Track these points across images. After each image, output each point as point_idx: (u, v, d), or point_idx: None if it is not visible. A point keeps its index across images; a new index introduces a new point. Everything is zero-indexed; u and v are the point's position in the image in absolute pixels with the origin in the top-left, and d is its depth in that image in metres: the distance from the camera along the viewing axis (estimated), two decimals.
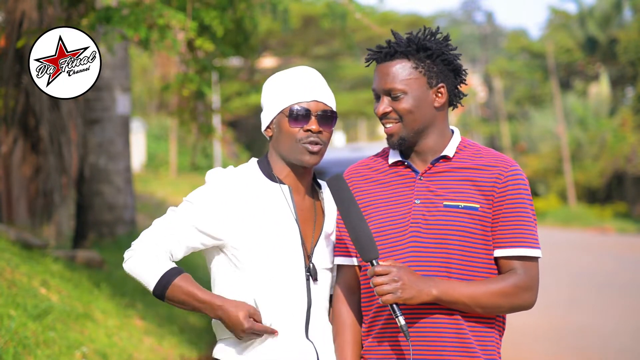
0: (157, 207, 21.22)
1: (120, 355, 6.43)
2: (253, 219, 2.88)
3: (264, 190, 2.93)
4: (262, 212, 2.89)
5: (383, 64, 2.88)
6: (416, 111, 2.85)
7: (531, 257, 2.85)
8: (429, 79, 2.86)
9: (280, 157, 2.97)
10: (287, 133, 2.93)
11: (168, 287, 2.84)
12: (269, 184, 2.95)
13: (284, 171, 2.97)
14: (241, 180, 2.93)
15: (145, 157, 32.50)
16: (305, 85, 2.94)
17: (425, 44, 2.86)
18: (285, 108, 2.93)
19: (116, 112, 12.39)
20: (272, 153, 3.00)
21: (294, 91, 2.93)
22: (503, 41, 68.28)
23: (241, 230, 2.88)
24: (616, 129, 35.63)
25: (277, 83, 2.97)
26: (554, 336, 10.06)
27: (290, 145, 2.93)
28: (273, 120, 2.96)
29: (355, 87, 37.08)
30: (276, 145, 2.97)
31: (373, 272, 2.73)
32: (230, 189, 2.90)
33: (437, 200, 2.85)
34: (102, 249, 11.48)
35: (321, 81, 2.99)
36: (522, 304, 2.84)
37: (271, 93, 2.97)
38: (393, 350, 2.86)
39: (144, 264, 2.87)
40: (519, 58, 48.36)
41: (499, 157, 2.89)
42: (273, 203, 2.92)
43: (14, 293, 6.12)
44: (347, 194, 2.81)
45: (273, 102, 2.95)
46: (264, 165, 2.98)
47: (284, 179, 2.96)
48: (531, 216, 2.85)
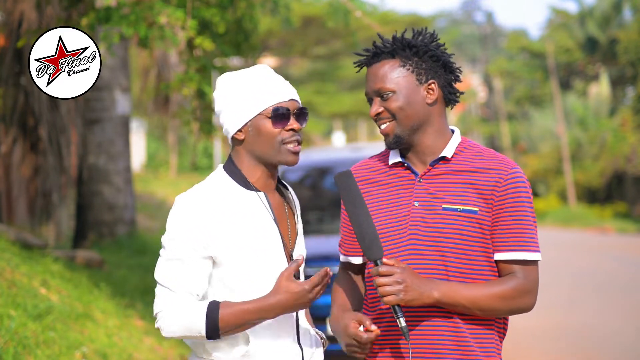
0: (157, 207, 21.23)
1: (120, 355, 6.43)
2: (235, 232, 2.83)
3: (240, 200, 2.87)
4: (242, 224, 2.84)
5: (371, 66, 2.89)
6: (407, 108, 2.85)
7: (531, 261, 2.84)
8: (418, 75, 2.86)
9: (256, 159, 2.90)
10: (267, 134, 2.87)
11: (218, 323, 2.75)
12: (244, 192, 2.88)
13: (256, 173, 2.90)
14: (213, 195, 2.85)
15: (145, 157, 32.52)
16: (279, 85, 2.90)
17: (410, 42, 2.87)
18: (265, 109, 2.87)
19: (116, 112, 12.39)
20: (242, 157, 2.91)
21: (272, 92, 2.88)
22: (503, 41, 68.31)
23: (226, 245, 2.82)
24: (616, 129, 35.64)
25: (247, 84, 2.89)
26: (555, 336, 10.06)
27: (273, 147, 2.87)
28: (247, 122, 2.88)
29: (355, 87, 37.09)
30: (251, 147, 2.89)
31: (377, 271, 2.73)
32: (203, 209, 2.82)
33: (436, 203, 2.85)
34: (102, 249, 11.49)
35: (284, 79, 2.97)
36: (521, 307, 2.84)
37: (242, 95, 2.89)
38: (394, 354, 2.86)
39: (181, 321, 2.77)
40: (519, 58, 48.40)
41: (500, 160, 2.88)
42: (252, 212, 2.86)
43: (14, 293, 6.12)
44: (356, 191, 2.80)
45: (247, 104, 2.87)
46: (235, 172, 2.90)
47: (256, 182, 2.90)
48: (531, 219, 2.85)
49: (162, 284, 2.82)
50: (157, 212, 20.30)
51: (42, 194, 10.61)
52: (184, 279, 2.80)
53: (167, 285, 2.81)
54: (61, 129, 10.33)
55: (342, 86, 37.83)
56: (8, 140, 10.25)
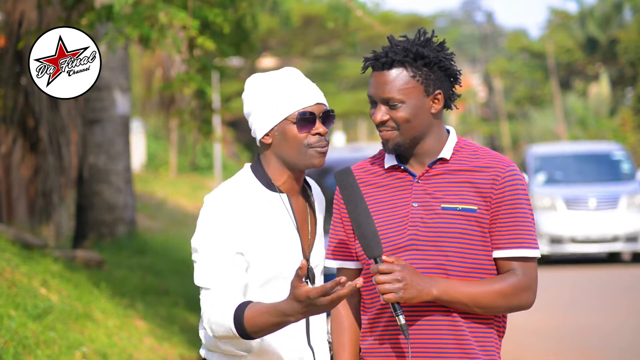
0: (157, 207, 21.22)
1: (120, 355, 6.43)
2: (259, 232, 2.85)
3: (264, 201, 2.89)
4: (265, 224, 2.86)
5: (379, 72, 2.87)
6: (413, 120, 2.85)
7: (530, 258, 2.85)
8: (426, 87, 2.86)
9: (283, 164, 2.91)
10: (294, 139, 2.88)
11: (242, 320, 2.72)
12: (267, 193, 2.90)
13: (283, 177, 2.92)
14: (241, 195, 2.87)
15: (145, 157, 32.51)
16: (305, 89, 2.90)
17: (423, 52, 2.85)
18: (290, 115, 2.88)
19: (116, 112, 12.39)
20: (269, 160, 2.93)
21: (298, 96, 2.89)
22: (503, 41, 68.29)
23: (252, 244, 2.84)
24: (616, 129, 35.63)
25: (273, 89, 2.90)
26: (555, 335, 10.05)
27: (299, 151, 2.88)
28: (274, 127, 2.90)
29: (355, 87, 37.09)
30: (279, 152, 2.90)
31: (377, 269, 2.73)
32: (234, 207, 2.84)
33: (434, 203, 2.85)
34: (102, 249, 11.49)
35: (311, 82, 2.97)
36: (521, 304, 2.84)
37: (268, 99, 2.90)
38: (394, 351, 2.86)
39: (221, 322, 2.76)
40: (519, 58, 48.39)
41: (496, 158, 2.89)
42: (274, 213, 2.89)
43: (14, 293, 6.12)
44: (355, 188, 2.80)
45: (273, 109, 2.89)
46: (261, 174, 2.92)
47: (282, 186, 2.92)
48: (529, 216, 2.85)
49: (203, 286, 2.80)
50: (157, 212, 20.29)
51: (42, 194, 10.61)
52: (223, 275, 2.78)
53: (208, 285, 2.79)
54: (61, 129, 10.33)
55: (342, 86, 37.83)
56: (8, 140, 10.25)
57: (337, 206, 3.01)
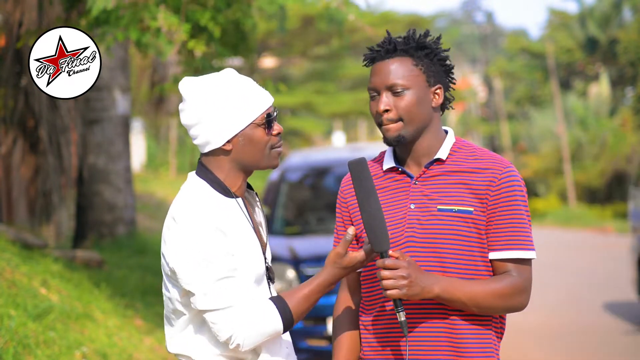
0: (157, 207, 21.23)
1: (120, 355, 6.43)
2: (233, 238, 2.80)
3: (225, 207, 2.81)
4: (234, 230, 2.80)
5: (382, 61, 2.87)
6: (417, 108, 2.85)
7: (525, 260, 2.86)
8: (428, 77, 2.87)
9: (240, 168, 2.83)
10: (259, 142, 2.81)
11: (292, 317, 2.74)
12: (225, 200, 2.82)
13: (237, 182, 2.85)
14: (210, 204, 2.79)
15: (145, 157, 32.52)
16: (260, 90, 2.84)
17: (424, 43, 2.88)
18: (257, 117, 2.80)
19: (116, 112, 12.40)
20: (222, 166, 2.82)
21: (260, 98, 2.82)
22: (503, 41, 68.27)
23: (234, 250, 2.79)
24: (616, 129, 35.63)
25: (231, 93, 2.79)
26: (554, 335, 10.06)
27: (263, 153, 2.82)
28: (239, 133, 2.79)
29: (355, 87, 37.08)
30: (240, 157, 2.81)
31: (383, 264, 2.73)
32: (212, 217, 2.76)
33: (431, 205, 2.86)
34: (102, 249, 11.49)
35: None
36: (516, 305, 2.85)
37: (227, 105, 2.78)
38: (393, 351, 2.87)
39: (258, 331, 2.73)
40: (518, 58, 48.37)
41: (493, 159, 2.89)
42: (235, 218, 2.81)
43: (14, 293, 6.12)
44: (369, 180, 2.77)
45: (237, 115, 2.78)
46: (215, 181, 2.82)
47: (237, 191, 2.85)
48: (525, 218, 2.86)
49: (219, 307, 2.72)
50: (157, 212, 20.30)
51: (42, 194, 10.62)
52: (239, 287, 2.74)
53: (226, 304, 2.71)
54: (61, 129, 10.34)
55: (342, 86, 37.82)
56: (8, 140, 10.26)
57: (339, 207, 3.01)
